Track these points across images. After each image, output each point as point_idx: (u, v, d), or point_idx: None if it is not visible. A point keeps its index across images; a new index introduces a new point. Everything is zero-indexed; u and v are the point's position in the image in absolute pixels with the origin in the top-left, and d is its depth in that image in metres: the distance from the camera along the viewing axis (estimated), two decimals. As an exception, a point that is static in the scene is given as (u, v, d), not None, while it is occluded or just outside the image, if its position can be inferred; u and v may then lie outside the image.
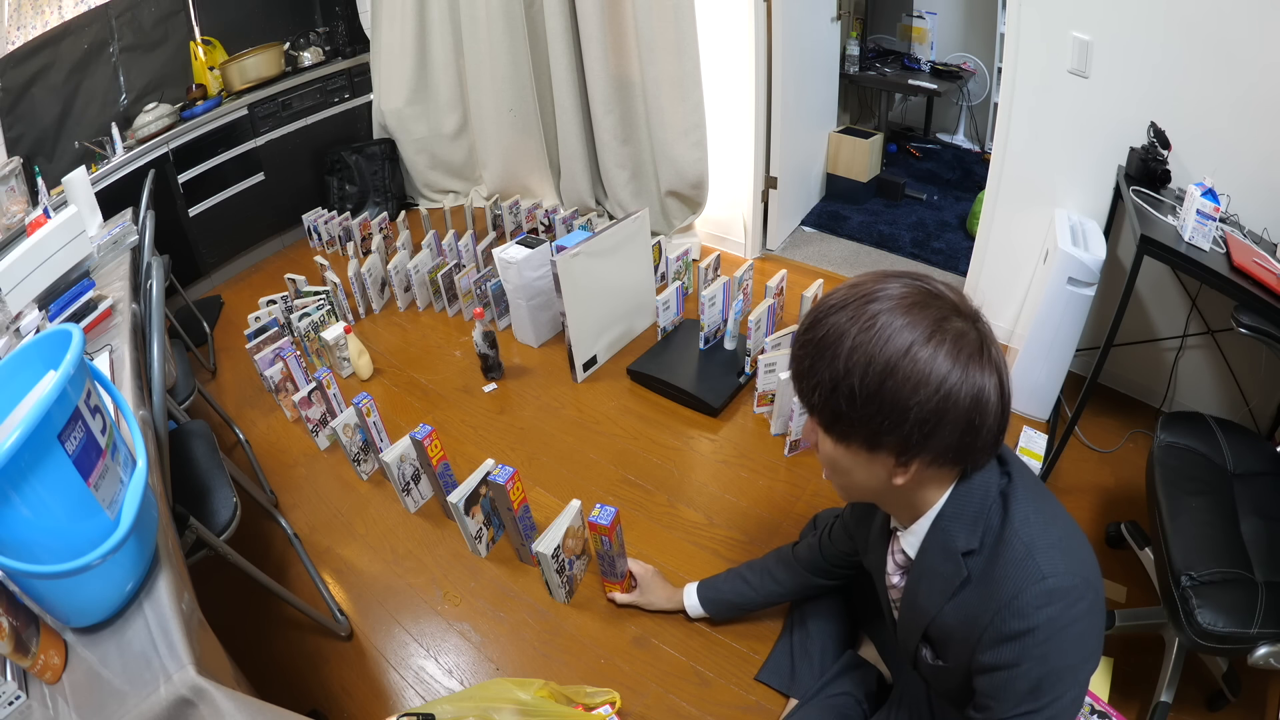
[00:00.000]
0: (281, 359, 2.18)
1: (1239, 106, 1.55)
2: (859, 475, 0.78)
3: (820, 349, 0.71)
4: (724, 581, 1.43)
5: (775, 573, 1.35)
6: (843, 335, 0.69)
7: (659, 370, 2.19)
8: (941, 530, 0.79)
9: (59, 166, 2.58)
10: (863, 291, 0.71)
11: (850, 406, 0.70)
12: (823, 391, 0.72)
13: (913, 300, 0.69)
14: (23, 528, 0.77)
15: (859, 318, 0.69)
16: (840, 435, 0.75)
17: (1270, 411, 1.73)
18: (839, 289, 0.74)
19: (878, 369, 0.67)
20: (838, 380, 0.70)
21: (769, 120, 2.67)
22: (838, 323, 0.70)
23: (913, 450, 0.71)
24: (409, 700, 1.45)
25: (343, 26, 3.44)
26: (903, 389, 0.67)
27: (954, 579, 0.78)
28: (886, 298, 0.69)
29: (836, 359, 0.69)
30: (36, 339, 0.96)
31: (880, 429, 0.70)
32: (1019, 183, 2.06)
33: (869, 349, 0.68)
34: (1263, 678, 1.31)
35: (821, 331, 0.71)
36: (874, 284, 0.72)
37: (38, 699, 0.84)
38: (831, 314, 0.71)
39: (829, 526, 1.25)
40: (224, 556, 1.34)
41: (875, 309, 0.69)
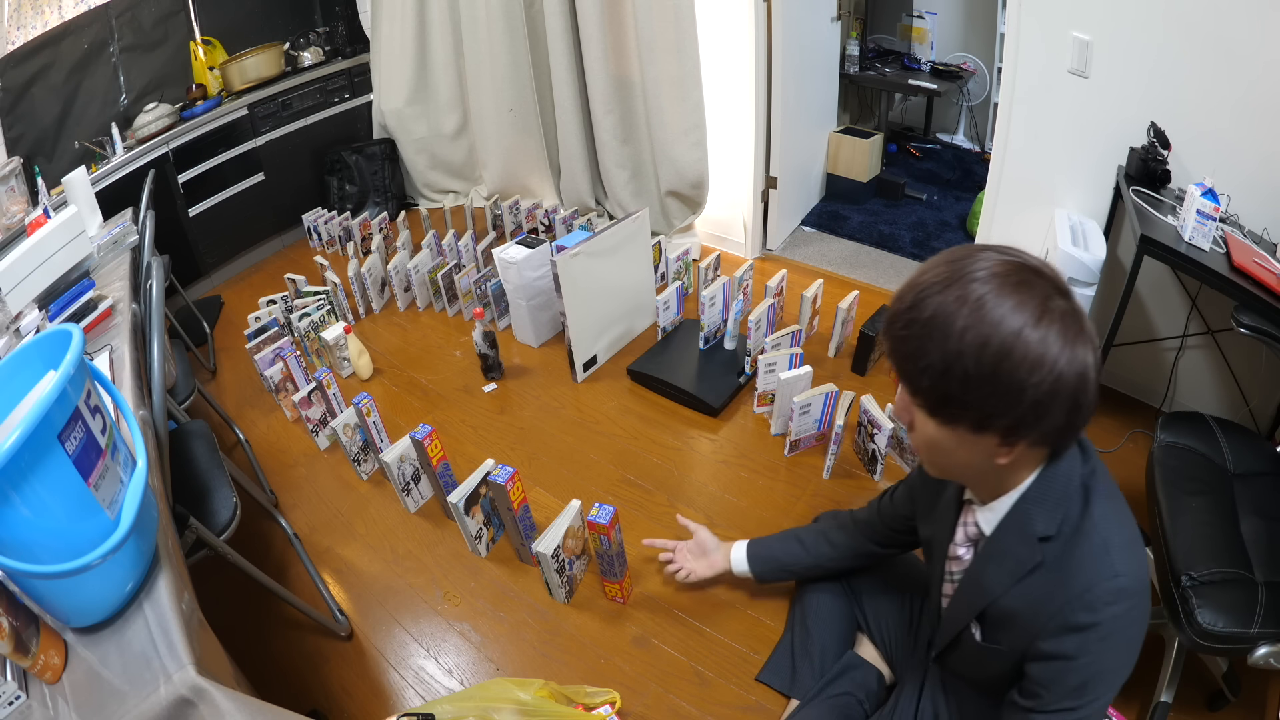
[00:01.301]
0: (281, 359, 2.18)
1: (1239, 106, 1.55)
2: (960, 455, 0.76)
3: (928, 330, 0.69)
4: (776, 541, 1.40)
5: (830, 535, 1.32)
6: (952, 316, 0.68)
7: (659, 370, 2.19)
8: (1022, 512, 0.79)
9: (59, 166, 2.58)
10: (963, 270, 0.70)
11: (963, 389, 0.69)
12: (932, 374, 0.70)
13: (1017, 279, 0.68)
14: (23, 528, 0.77)
15: (966, 299, 0.67)
16: (948, 418, 0.73)
17: (1270, 411, 1.73)
18: (934, 267, 0.73)
19: (992, 351, 0.66)
20: (950, 363, 0.68)
21: (769, 120, 2.67)
22: (944, 303, 0.68)
23: (1022, 431, 0.70)
24: (409, 700, 1.45)
25: (343, 26, 3.44)
26: (1018, 370, 0.66)
27: (1027, 563, 0.78)
28: (989, 276, 0.68)
29: (948, 340, 0.68)
30: (36, 339, 0.96)
31: (993, 411, 0.69)
32: (1019, 183, 2.06)
33: (982, 330, 0.66)
34: (1263, 678, 1.31)
35: (928, 312, 0.69)
36: (972, 261, 0.70)
37: (38, 699, 0.84)
38: (935, 293, 0.70)
39: (892, 489, 1.21)
40: (224, 556, 1.34)
41: (981, 290, 0.67)
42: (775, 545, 1.40)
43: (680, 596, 1.58)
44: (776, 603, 1.54)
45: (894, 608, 1.29)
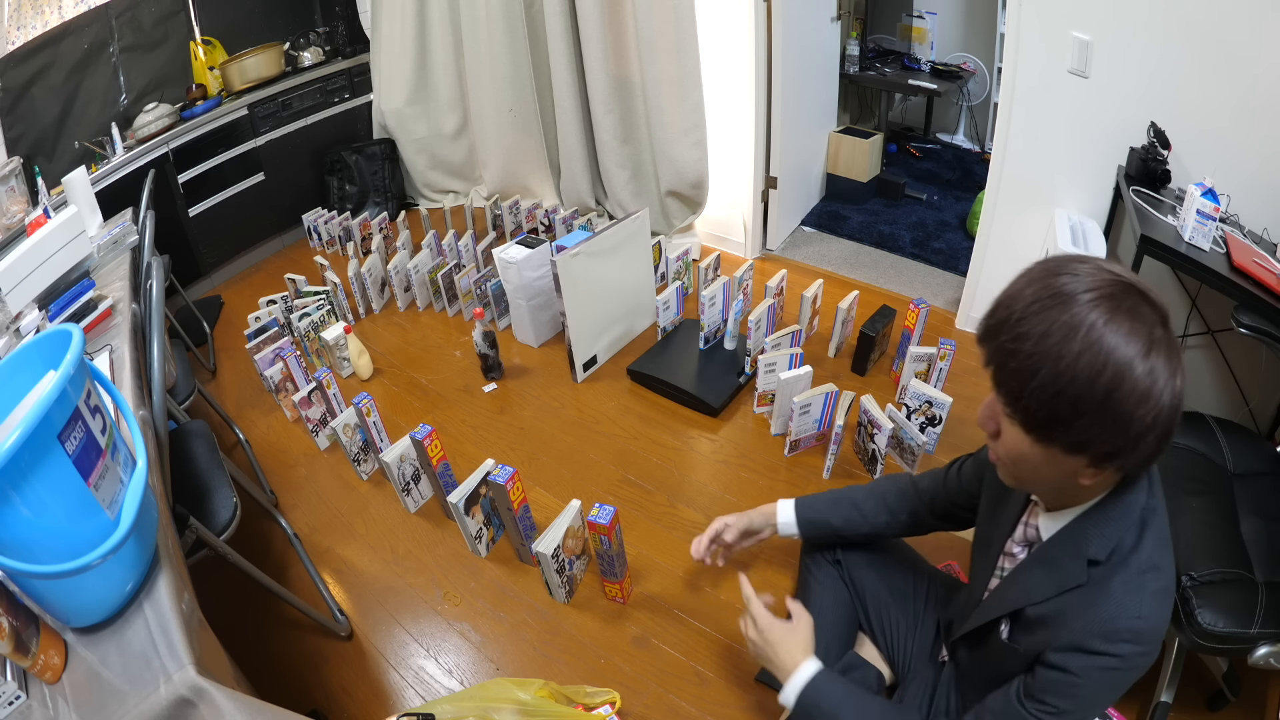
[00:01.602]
0: (281, 359, 2.18)
1: (1239, 106, 1.55)
2: (1044, 472, 0.76)
3: (1041, 349, 0.67)
4: (829, 505, 1.30)
5: (891, 502, 1.24)
6: (1066, 339, 0.66)
7: (659, 370, 2.19)
8: (1081, 530, 0.80)
9: (59, 166, 2.58)
10: (1073, 289, 0.68)
11: (1071, 413, 0.68)
12: (1041, 395, 0.68)
13: (1129, 305, 0.67)
14: (23, 528, 0.77)
15: (1082, 322, 0.66)
16: (1045, 437, 0.72)
17: (1270, 411, 1.73)
18: (1036, 280, 0.70)
19: (1105, 381, 0.65)
20: (1062, 386, 0.67)
21: (769, 120, 2.67)
22: (1063, 320, 0.67)
23: (1117, 458, 0.70)
24: (409, 700, 1.45)
25: (343, 26, 3.44)
26: (1127, 402, 0.66)
27: (1072, 580, 0.79)
28: (1100, 299, 0.67)
29: (1060, 362, 0.66)
30: (36, 339, 0.96)
31: (1094, 438, 0.68)
32: (1019, 183, 2.06)
33: (1097, 359, 0.65)
34: (1263, 678, 1.31)
35: (1040, 328, 0.67)
36: (1076, 278, 0.69)
37: (38, 699, 0.84)
38: (1044, 310, 0.68)
39: (960, 463, 1.17)
40: (224, 556, 1.34)
41: (1094, 317, 0.66)
42: (828, 509, 1.30)
43: (680, 596, 1.58)
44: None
45: (896, 607, 1.29)
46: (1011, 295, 0.72)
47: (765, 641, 1.12)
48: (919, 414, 1.83)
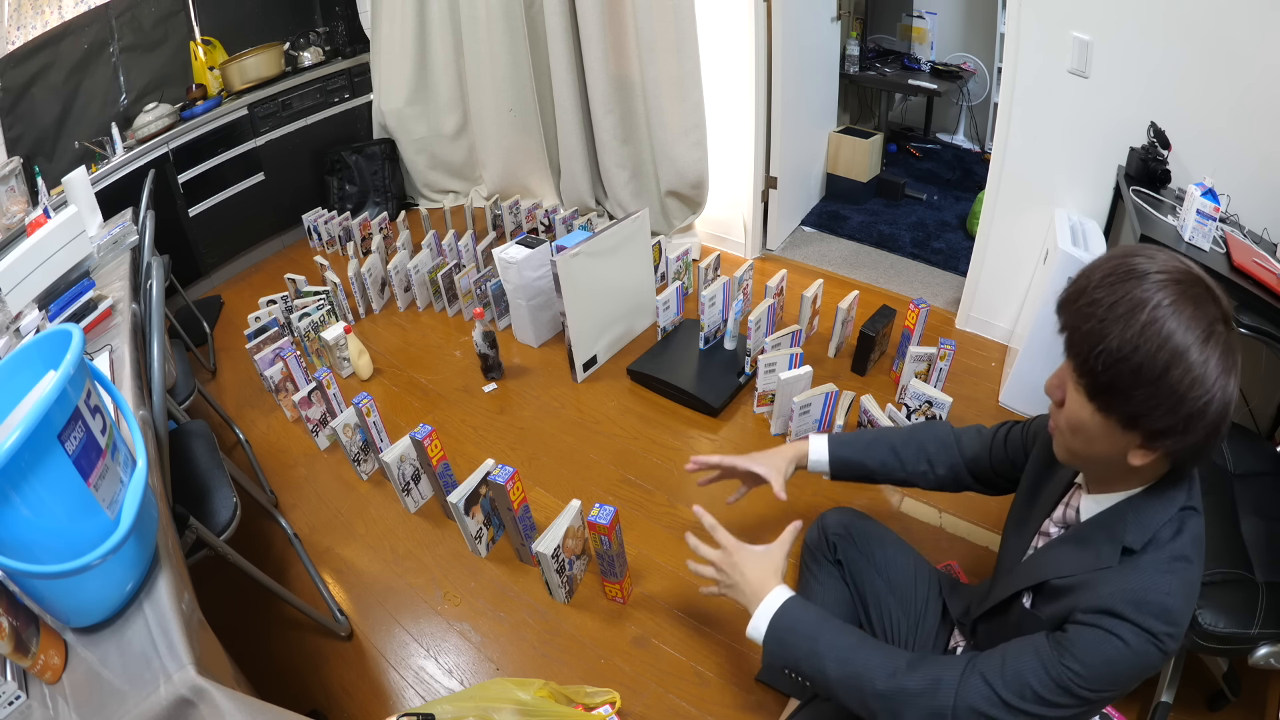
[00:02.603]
0: (281, 359, 2.18)
1: (1239, 106, 1.55)
2: (1099, 445, 0.78)
3: (1113, 312, 0.71)
4: (865, 447, 1.23)
5: (931, 452, 1.19)
6: (1137, 308, 0.70)
7: (659, 370, 2.19)
8: (1120, 515, 0.81)
9: (59, 166, 2.58)
10: (1145, 269, 0.72)
11: (1132, 382, 0.70)
12: (1107, 358, 0.71)
13: (1195, 293, 0.70)
14: (23, 528, 0.77)
15: (1154, 298, 0.69)
16: (1105, 405, 0.74)
17: (1270, 411, 1.73)
18: (1113, 257, 0.74)
19: (1166, 355, 0.68)
20: (1127, 354, 0.70)
21: (769, 120, 2.67)
22: (1134, 294, 0.70)
23: (1166, 440, 0.72)
24: (409, 700, 1.45)
25: (343, 26, 3.44)
26: (1183, 381, 0.68)
27: (1104, 561, 0.80)
28: (1170, 281, 0.70)
29: (1129, 328, 0.70)
30: (36, 339, 0.96)
31: (1149, 412, 0.71)
32: (1019, 183, 2.06)
33: (1163, 331, 0.68)
34: (1263, 678, 1.31)
35: (1116, 295, 0.71)
36: (1152, 261, 0.72)
37: (38, 699, 0.84)
38: (1127, 281, 0.71)
39: (1008, 429, 1.14)
40: (224, 556, 1.34)
41: (1160, 296, 0.70)
42: (864, 451, 1.23)
43: (680, 596, 1.58)
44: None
45: (898, 606, 1.29)
46: (1089, 269, 0.76)
47: (732, 564, 1.05)
48: (919, 414, 1.83)
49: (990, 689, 0.80)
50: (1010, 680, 0.79)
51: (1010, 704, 0.78)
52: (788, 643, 0.96)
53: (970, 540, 1.67)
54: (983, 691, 0.80)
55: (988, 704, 0.79)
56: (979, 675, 0.81)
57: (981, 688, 0.80)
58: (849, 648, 0.91)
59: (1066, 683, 0.76)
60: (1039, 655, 0.79)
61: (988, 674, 0.81)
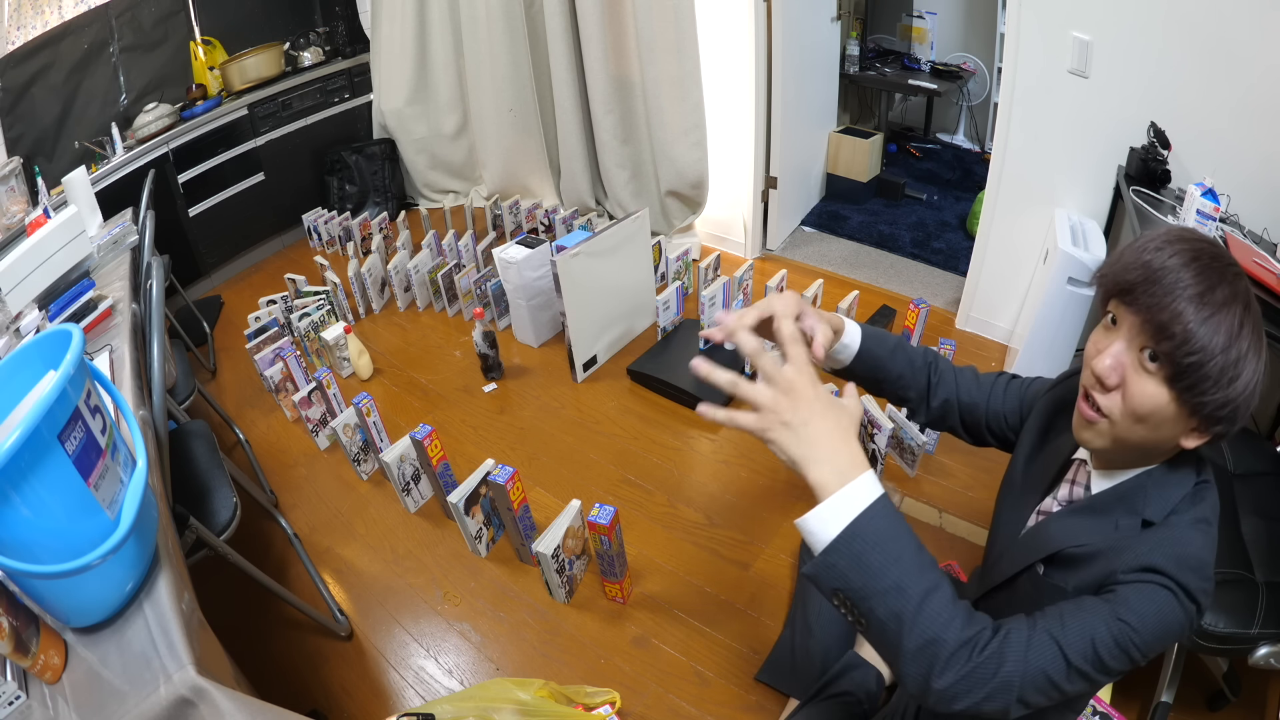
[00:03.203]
0: (281, 359, 2.18)
1: (1239, 106, 1.55)
2: (1159, 432, 0.75)
3: (1213, 299, 0.69)
4: (886, 352, 1.04)
5: (934, 384, 1.07)
6: (1233, 300, 0.69)
7: (659, 370, 2.19)
8: (1140, 487, 0.80)
9: (59, 166, 2.58)
10: (1231, 260, 0.72)
11: (1219, 376, 0.70)
12: (1205, 348, 0.69)
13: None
14: (23, 528, 0.77)
15: (1244, 292, 0.71)
16: (1186, 393, 0.71)
17: (1270, 411, 1.73)
18: (1199, 240, 0.73)
19: (1254, 352, 0.70)
20: (1225, 345, 0.69)
21: (769, 120, 2.67)
22: (1232, 285, 0.70)
23: (1221, 424, 0.73)
24: (409, 700, 1.45)
25: (343, 26, 3.44)
26: (1246, 369, 0.70)
27: (1123, 532, 0.79)
28: (1243, 276, 0.72)
29: (1230, 320, 0.69)
30: (36, 339, 0.96)
31: (1226, 403, 0.71)
32: (1019, 183, 2.06)
33: (1255, 328, 0.70)
34: (1263, 678, 1.31)
35: (1211, 282, 0.70)
36: (1228, 253, 0.73)
37: (38, 699, 0.84)
38: (1224, 270, 0.71)
39: (1007, 380, 1.07)
40: (224, 556, 1.34)
41: (1249, 291, 0.71)
42: (887, 355, 1.03)
43: (680, 596, 1.58)
44: (776, 603, 1.54)
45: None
46: (1162, 246, 0.72)
47: (802, 400, 0.69)
48: (919, 414, 1.82)
49: (1059, 650, 0.69)
50: (1074, 641, 0.69)
51: (1076, 667, 0.69)
52: (863, 559, 0.67)
53: (970, 540, 1.67)
54: (1051, 654, 0.69)
55: (1054, 668, 0.69)
56: (1046, 634, 0.70)
57: (1050, 648, 0.69)
58: (923, 593, 0.68)
59: (1125, 642, 0.69)
60: (1098, 613, 0.71)
61: (1054, 633, 0.70)
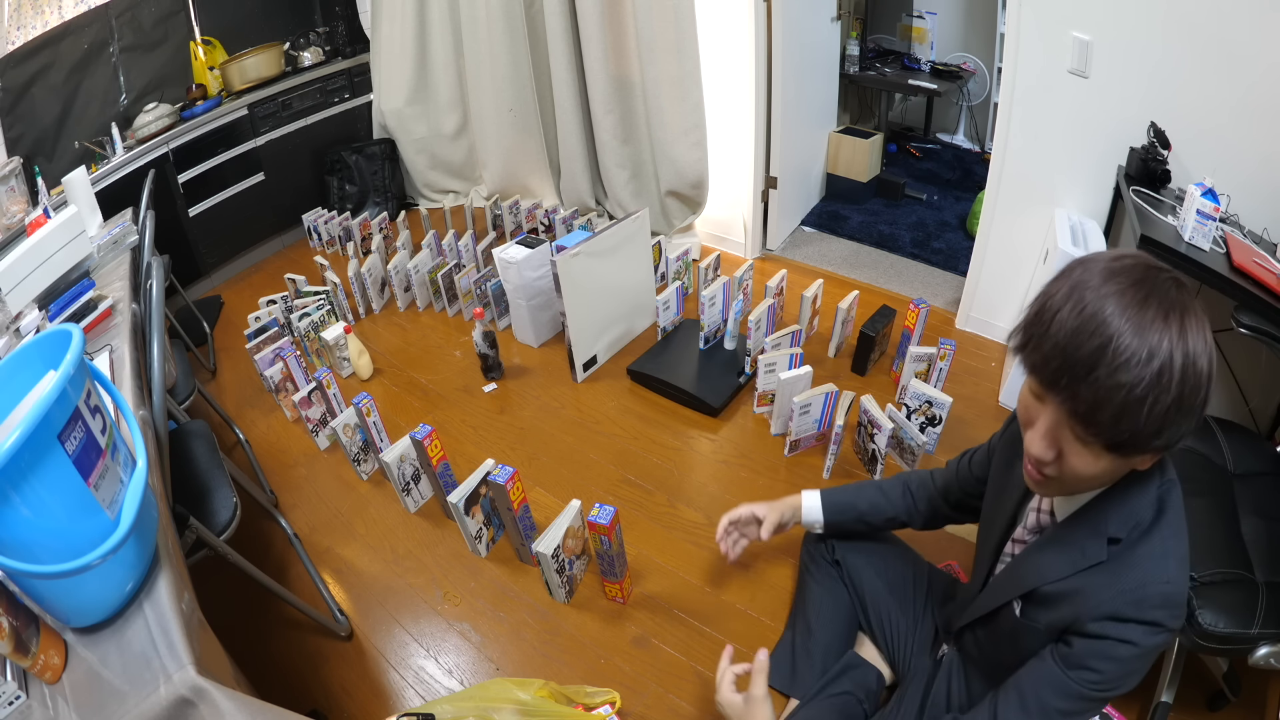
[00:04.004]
0: (281, 359, 2.18)
1: (1239, 106, 1.55)
2: (1116, 472, 0.75)
3: (1167, 353, 0.63)
4: (852, 492, 1.30)
5: (912, 487, 1.25)
6: (1182, 326, 0.64)
7: (659, 370, 2.19)
8: (1099, 509, 0.80)
9: (59, 166, 2.58)
10: (1120, 298, 0.65)
11: (1164, 419, 0.65)
12: (1138, 425, 0.65)
13: (1163, 294, 0.65)
14: (23, 528, 0.77)
15: (1173, 336, 0.64)
16: (1129, 451, 0.69)
17: (1270, 411, 1.73)
18: (1093, 310, 0.65)
19: (1206, 381, 0.65)
20: (1163, 410, 0.64)
21: (769, 120, 2.67)
22: (1173, 318, 0.64)
23: (1178, 442, 0.69)
24: (409, 700, 1.45)
25: (343, 26, 3.44)
26: (1206, 395, 0.66)
27: (1091, 558, 0.80)
28: (1154, 301, 0.65)
29: (1160, 383, 0.64)
30: (36, 339, 0.96)
31: (1177, 435, 0.68)
32: (1019, 183, 2.06)
33: (1198, 364, 0.64)
34: (1263, 678, 1.31)
35: (1165, 332, 0.63)
36: (1114, 285, 0.66)
37: (38, 699, 0.84)
38: (1171, 311, 0.65)
39: (971, 453, 1.17)
40: (224, 556, 1.34)
41: (1174, 322, 0.64)
42: (853, 494, 1.30)
43: (680, 596, 1.58)
44: (776, 603, 1.54)
45: (896, 607, 1.29)
46: (1069, 323, 0.67)
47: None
48: (919, 414, 1.83)
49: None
50: (1036, 712, 0.82)
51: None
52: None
53: (970, 540, 1.66)
54: None
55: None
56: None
57: None
58: None
59: (1086, 692, 0.79)
60: (1055, 681, 0.81)
61: (1014, 715, 0.83)
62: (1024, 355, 0.72)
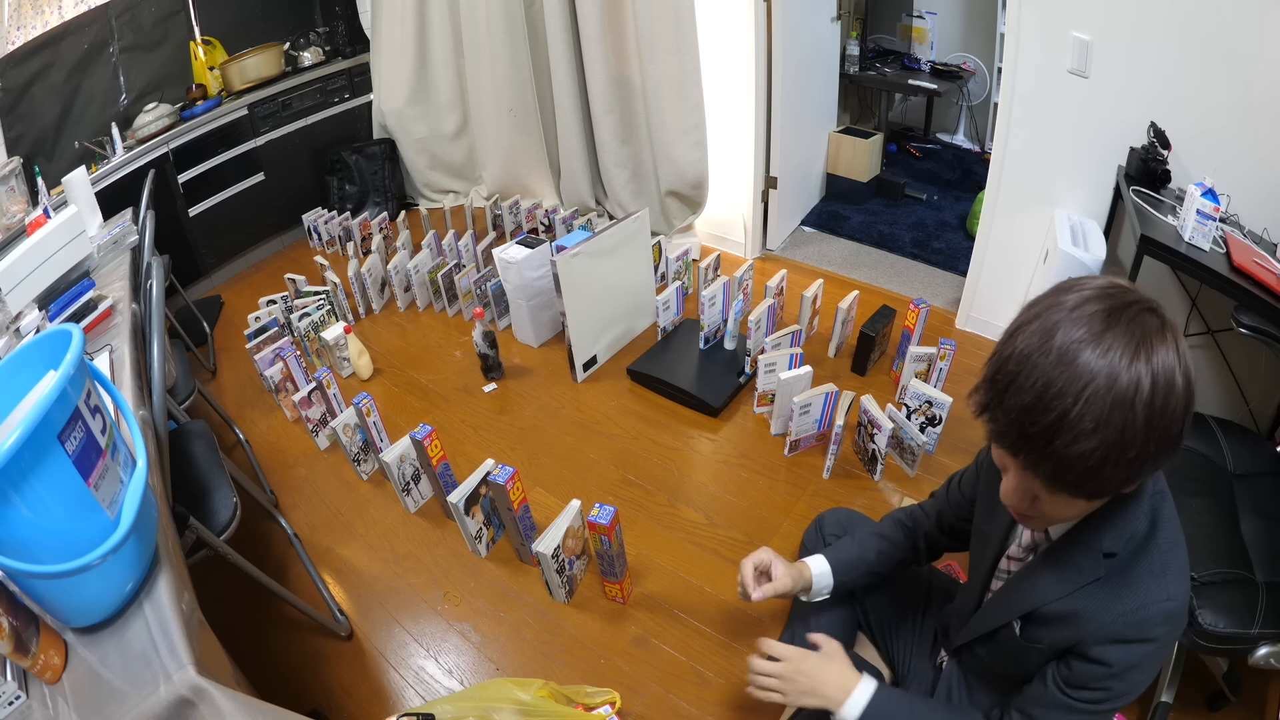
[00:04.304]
0: (281, 359, 2.18)
1: (1239, 106, 1.55)
2: (1096, 504, 0.76)
3: (1134, 399, 0.61)
4: (855, 547, 1.21)
5: (907, 524, 1.20)
6: (1122, 404, 0.61)
7: (659, 370, 2.19)
8: (1092, 526, 0.80)
9: (59, 166, 2.58)
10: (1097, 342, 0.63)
11: (1139, 465, 0.64)
12: (1126, 462, 0.63)
13: (1130, 322, 0.63)
14: (23, 528, 0.77)
15: (1142, 380, 0.61)
16: (1102, 494, 0.70)
17: (1270, 411, 1.73)
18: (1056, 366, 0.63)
19: (1178, 416, 0.63)
20: (1131, 456, 0.63)
21: (769, 120, 2.67)
22: (1126, 397, 0.61)
23: (1163, 465, 0.68)
24: (409, 700, 1.45)
25: (343, 26, 3.44)
26: (1182, 418, 0.64)
27: (1088, 576, 0.79)
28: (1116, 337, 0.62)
29: (1133, 437, 0.62)
30: (36, 339, 0.96)
31: (1154, 469, 0.67)
32: (1019, 183, 2.06)
33: (1178, 390, 0.62)
34: (1263, 678, 1.31)
35: (1132, 370, 0.61)
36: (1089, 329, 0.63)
37: (38, 699, 0.84)
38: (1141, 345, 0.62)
39: (958, 477, 1.14)
40: (224, 556, 1.34)
41: (1140, 367, 0.61)
42: (858, 549, 1.21)
43: (680, 596, 1.58)
44: (776, 602, 1.54)
45: (896, 608, 1.29)
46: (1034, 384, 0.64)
47: (801, 672, 1.02)
48: (919, 414, 1.83)
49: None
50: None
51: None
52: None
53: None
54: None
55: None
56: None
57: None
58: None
59: (1092, 709, 0.80)
60: (1059, 704, 0.82)
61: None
62: (984, 421, 0.70)
